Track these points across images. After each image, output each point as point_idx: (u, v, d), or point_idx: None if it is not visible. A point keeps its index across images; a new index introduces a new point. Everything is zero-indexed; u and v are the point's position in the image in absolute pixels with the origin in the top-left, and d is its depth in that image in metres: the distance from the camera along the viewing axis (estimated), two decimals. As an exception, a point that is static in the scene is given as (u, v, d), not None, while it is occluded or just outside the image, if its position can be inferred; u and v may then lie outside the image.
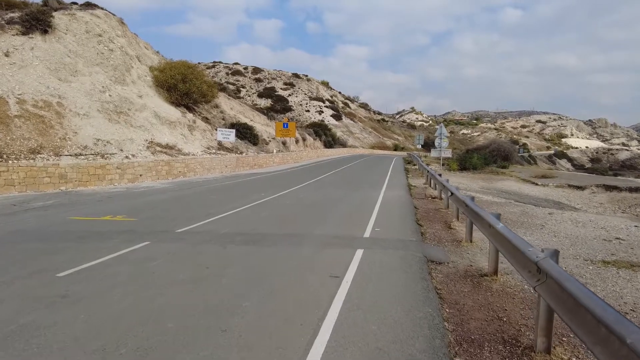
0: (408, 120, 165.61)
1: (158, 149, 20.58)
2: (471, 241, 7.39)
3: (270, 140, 39.27)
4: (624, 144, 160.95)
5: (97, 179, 15.94)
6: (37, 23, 18.58)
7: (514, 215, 11.26)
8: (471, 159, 29.88)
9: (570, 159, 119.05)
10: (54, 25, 19.52)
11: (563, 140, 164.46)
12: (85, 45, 20.67)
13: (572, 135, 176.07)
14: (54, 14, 19.95)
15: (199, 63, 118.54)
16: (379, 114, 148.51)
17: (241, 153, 28.76)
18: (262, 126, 41.56)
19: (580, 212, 13.79)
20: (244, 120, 37.65)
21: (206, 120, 30.73)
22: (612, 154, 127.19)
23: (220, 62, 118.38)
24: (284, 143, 41.14)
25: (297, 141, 47.08)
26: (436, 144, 30.14)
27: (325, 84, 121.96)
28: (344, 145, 71.40)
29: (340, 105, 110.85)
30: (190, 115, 27.49)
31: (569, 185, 20.59)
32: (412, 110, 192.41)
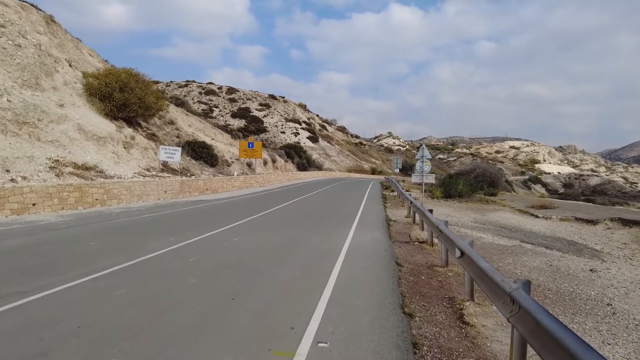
0: (385, 145, 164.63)
1: (69, 169, 16.08)
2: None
3: (233, 162, 35.05)
4: (593, 170, 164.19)
5: (-45, 211, 11.34)
6: None
7: (543, 275, 7.42)
8: (456, 185, 26.38)
9: (544, 184, 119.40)
10: None
11: (536, 165, 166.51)
12: (-22, 37, 16.27)
13: (544, 160, 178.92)
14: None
15: (170, 82, 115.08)
16: (357, 137, 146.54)
17: (192, 175, 24.42)
18: (225, 146, 37.38)
19: (617, 260, 10.18)
20: (203, 138, 33.42)
21: (153, 137, 26.36)
22: (583, 180, 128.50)
23: (193, 82, 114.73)
24: (249, 165, 36.98)
25: (265, 163, 43.03)
26: (417, 167, 26.54)
27: (303, 106, 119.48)
28: (319, 168, 67.78)
29: (318, 127, 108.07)
30: (128, 131, 23.11)
31: (576, 219, 17.14)
32: (390, 134, 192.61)
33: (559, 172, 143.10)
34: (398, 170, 49.87)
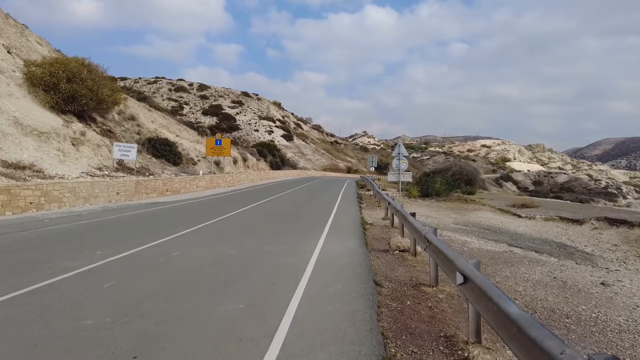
0: (361, 144, 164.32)
1: (-3, 169, 13.87)
2: None
3: (199, 160, 32.94)
4: (560, 168, 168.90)
5: None
6: None
7: (551, 292, 6.11)
8: (434, 184, 25.34)
9: (515, 182, 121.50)
10: None
11: (507, 163, 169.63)
12: None
13: (514, 159, 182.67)
14: None
15: (139, 78, 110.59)
16: (332, 136, 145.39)
17: (150, 175, 22.32)
18: (191, 143, 35.18)
19: (610, 263, 9.14)
20: (166, 135, 31.17)
21: (108, 133, 24.06)
22: (551, 177, 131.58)
23: (163, 78, 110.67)
24: (217, 163, 34.94)
25: (235, 162, 41.03)
26: (394, 165, 25.36)
27: (277, 104, 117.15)
28: (294, 166, 66.08)
29: (292, 126, 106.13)
30: (78, 126, 20.80)
31: (561, 218, 16.24)
32: (365, 133, 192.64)
33: (528, 170, 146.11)
34: (373, 168, 48.93)
